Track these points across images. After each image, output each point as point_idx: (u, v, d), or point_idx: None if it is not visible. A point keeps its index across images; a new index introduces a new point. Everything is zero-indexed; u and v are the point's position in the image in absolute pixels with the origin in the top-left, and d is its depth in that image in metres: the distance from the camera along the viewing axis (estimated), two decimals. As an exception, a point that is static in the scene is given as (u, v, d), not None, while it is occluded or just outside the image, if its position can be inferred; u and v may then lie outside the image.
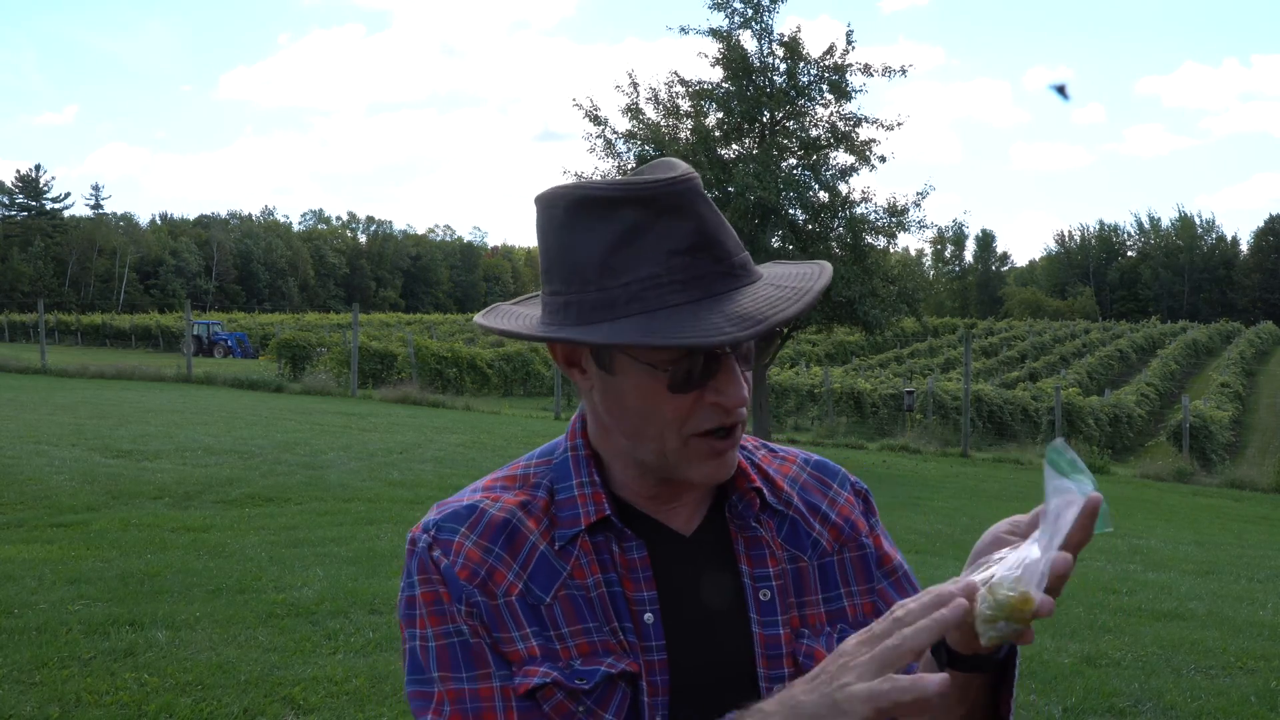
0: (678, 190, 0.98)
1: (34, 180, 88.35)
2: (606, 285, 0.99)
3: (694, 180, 1.00)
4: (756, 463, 1.18)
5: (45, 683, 4.18)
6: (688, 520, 1.13)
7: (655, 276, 0.98)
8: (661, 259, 0.98)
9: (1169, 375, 41.99)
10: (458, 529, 1.08)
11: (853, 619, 1.15)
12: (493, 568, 1.07)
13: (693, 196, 0.99)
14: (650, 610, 1.07)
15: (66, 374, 22.74)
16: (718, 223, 1.01)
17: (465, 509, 1.10)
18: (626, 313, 0.98)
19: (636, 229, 0.98)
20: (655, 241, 0.98)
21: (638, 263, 0.98)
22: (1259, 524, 12.22)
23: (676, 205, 0.98)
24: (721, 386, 1.01)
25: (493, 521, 1.09)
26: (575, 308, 1.01)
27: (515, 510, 1.10)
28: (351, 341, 22.31)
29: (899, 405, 24.16)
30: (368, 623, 5.16)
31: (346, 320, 45.84)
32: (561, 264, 1.02)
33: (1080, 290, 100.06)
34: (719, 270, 0.99)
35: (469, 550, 1.07)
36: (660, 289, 0.98)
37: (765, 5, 14.38)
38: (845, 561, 1.17)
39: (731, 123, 14.51)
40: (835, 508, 1.19)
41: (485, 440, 13.75)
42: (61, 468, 9.17)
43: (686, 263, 0.98)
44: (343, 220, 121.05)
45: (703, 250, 0.99)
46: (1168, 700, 4.64)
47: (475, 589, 1.06)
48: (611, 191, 0.99)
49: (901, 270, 16.34)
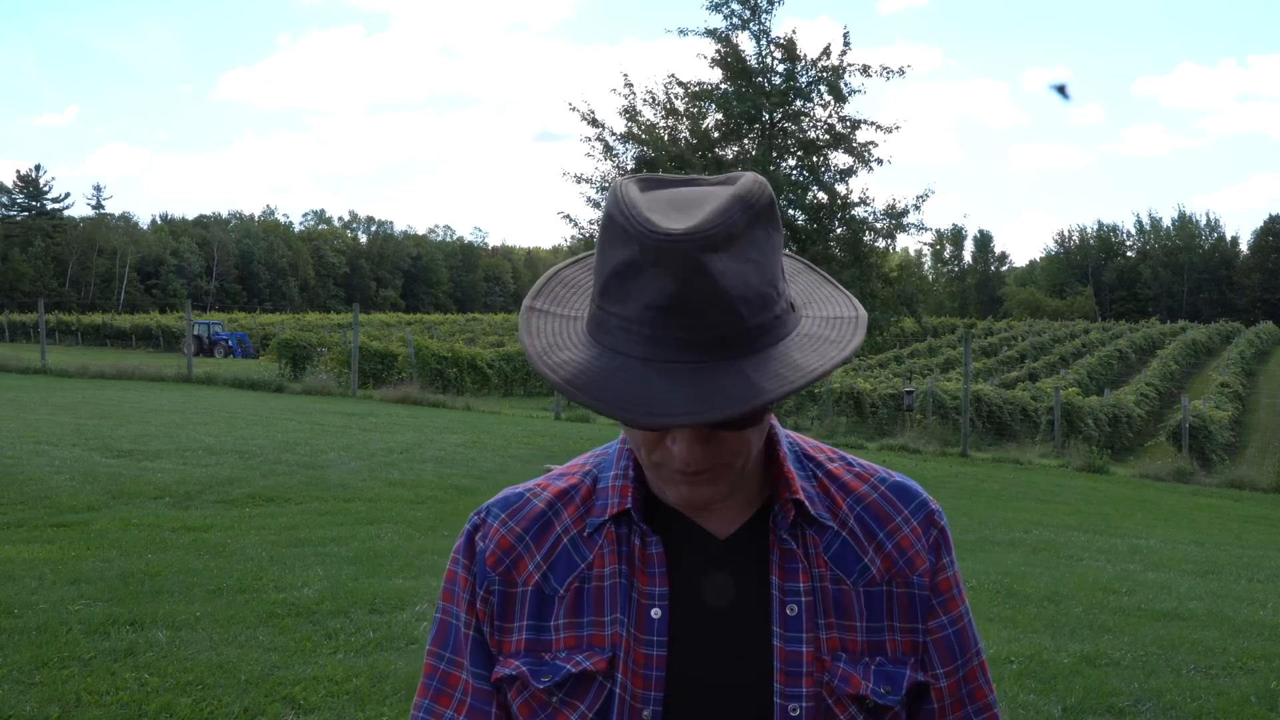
0: (676, 249, 0.92)
1: (34, 180, 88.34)
2: (604, 306, 0.98)
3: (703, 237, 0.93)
4: (820, 475, 1.15)
5: (45, 683, 4.18)
6: (727, 523, 1.11)
7: (629, 321, 0.96)
8: (639, 308, 0.95)
9: (1168, 375, 42.00)
10: (500, 515, 1.16)
11: (891, 655, 1.11)
12: (519, 556, 1.13)
13: (688, 257, 0.92)
14: (659, 605, 1.07)
15: (67, 374, 22.73)
16: (708, 291, 0.93)
17: (515, 496, 1.17)
18: (609, 343, 0.97)
19: (635, 267, 0.95)
20: (641, 287, 0.95)
21: (625, 300, 0.96)
22: (1259, 524, 12.22)
23: (666, 262, 0.93)
24: (678, 439, 1.00)
25: (532, 511, 1.15)
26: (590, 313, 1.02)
27: (555, 500, 1.16)
28: (352, 341, 22.31)
29: (899, 405, 24.16)
30: (368, 622, 5.16)
31: (347, 320, 45.84)
32: (596, 264, 1.02)
33: (1080, 290, 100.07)
34: (684, 340, 0.94)
35: (501, 537, 1.14)
36: (629, 335, 0.96)
37: (762, 6, 14.38)
38: (892, 595, 1.12)
39: (730, 124, 14.51)
40: (896, 536, 1.13)
41: (485, 440, 13.75)
42: (62, 468, 9.17)
43: (656, 320, 0.94)
44: (343, 220, 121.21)
45: (675, 315, 0.93)
46: (1167, 700, 4.64)
47: (498, 576, 1.13)
48: (625, 222, 0.95)
49: (900, 272, 16.33)
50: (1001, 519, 10.24)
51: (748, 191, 0.98)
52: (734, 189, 0.98)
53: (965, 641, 1.15)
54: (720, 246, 0.94)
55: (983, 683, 1.17)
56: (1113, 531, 10.07)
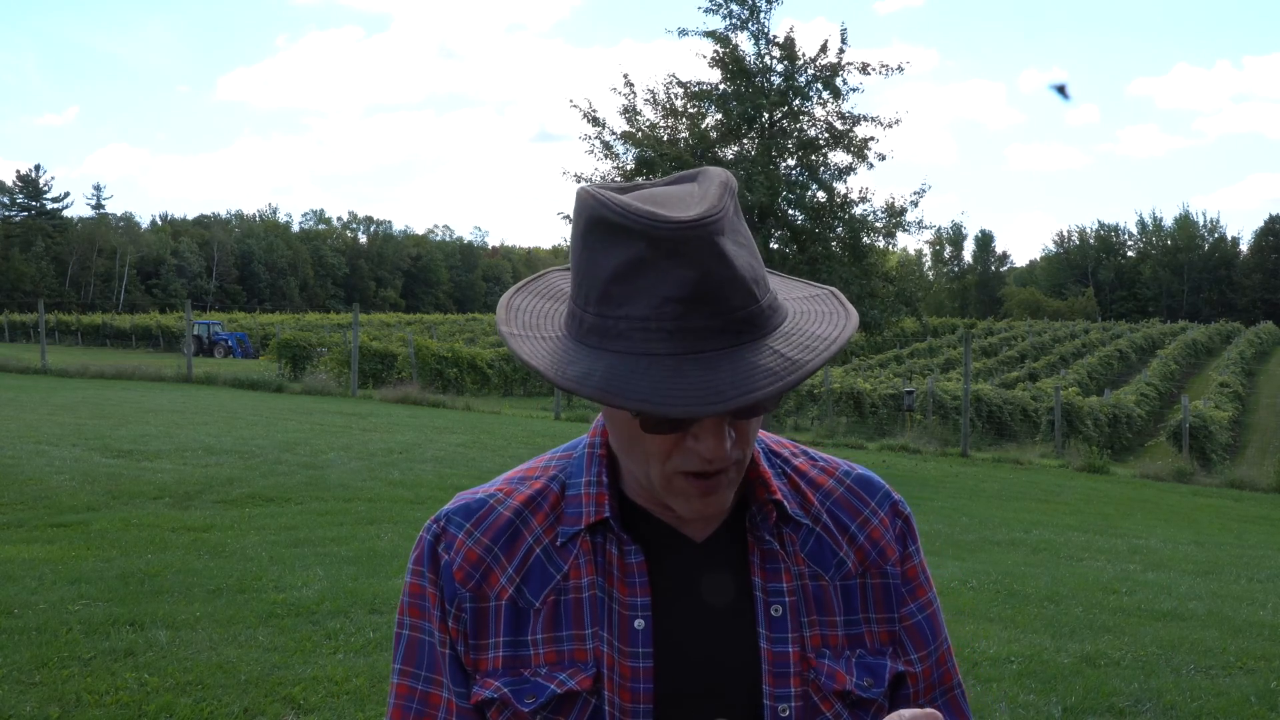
0: (693, 235, 0.92)
1: (34, 180, 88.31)
2: (604, 313, 0.95)
3: (714, 221, 0.93)
4: (789, 472, 1.14)
5: (45, 683, 4.18)
6: (703, 526, 1.09)
7: (645, 320, 0.93)
8: (656, 303, 0.92)
9: (1169, 375, 42.00)
10: (464, 525, 1.09)
11: (870, 646, 1.11)
12: (489, 569, 1.07)
13: (705, 242, 0.92)
14: (642, 616, 1.04)
15: (67, 374, 22.73)
16: (727, 274, 0.93)
17: (477, 503, 1.11)
18: (613, 347, 0.94)
19: (641, 264, 0.93)
20: (654, 282, 0.92)
21: (634, 300, 0.93)
22: (1259, 524, 12.22)
23: (684, 251, 0.91)
24: (701, 435, 0.97)
25: (498, 521, 1.09)
26: (578, 322, 0.98)
27: (522, 508, 1.10)
28: (352, 341, 22.31)
29: (899, 405, 24.15)
30: (368, 622, 5.16)
31: (347, 320, 45.83)
32: (577, 273, 0.99)
33: (1080, 290, 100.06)
34: (713, 326, 0.92)
35: (469, 550, 1.08)
36: (647, 334, 0.92)
37: (761, 6, 14.38)
38: (867, 587, 1.12)
39: (729, 124, 14.51)
40: (866, 528, 1.13)
41: (485, 440, 13.75)
42: (62, 468, 9.17)
43: (679, 312, 0.92)
44: (342, 220, 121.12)
45: (700, 303, 0.92)
46: (1167, 700, 4.64)
47: (468, 593, 1.07)
48: (626, 220, 0.93)
49: (900, 270, 16.32)
50: (1001, 519, 10.24)
51: (727, 179, 0.99)
52: (716, 178, 0.99)
53: (935, 626, 1.16)
54: (725, 231, 0.94)
55: (950, 666, 1.18)
56: (1113, 531, 10.07)
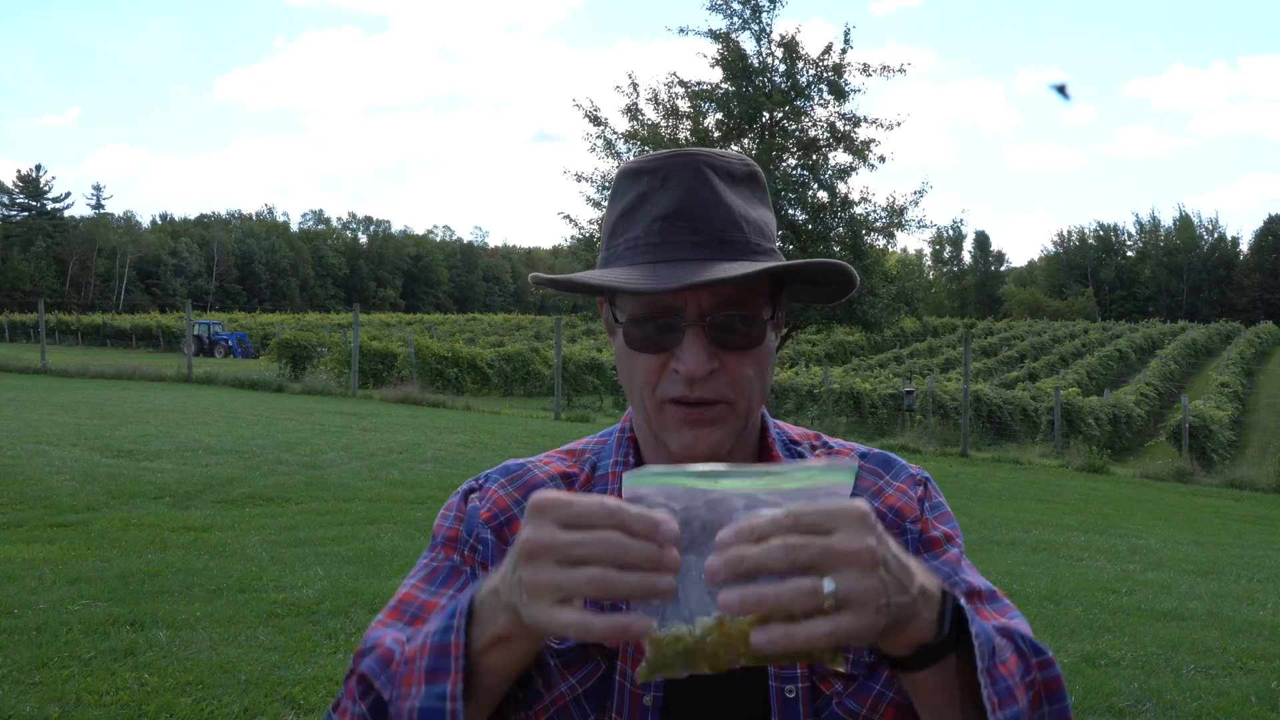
0: (675, 163, 1.06)
1: (34, 180, 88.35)
2: (612, 244, 1.09)
3: (694, 156, 1.06)
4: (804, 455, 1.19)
5: (45, 683, 4.18)
6: None
7: (637, 238, 1.06)
8: (646, 223, 1.05)
9: (1168, 375, 42.02)
10: (500, 480, 1.17)
11: None
12: (514, 516, 1.13)
13: (693, 169, 1.05)
14: None
15: (67, 374, 22.72)
16: (711, 198, 1.05)
17: (517, 465, 1.19)
18: (619, 265, 1.06)
19: (643, 197, 1.07)
20: (650, 208, 1.06)
21: (633, 226, 1.07)
22: (1259, 524, 12.22)
23: (675, 175, 1.05)
24: (681, 354, 1.04)
25: (532, 481, 1.16)
26: (598, 261, 1.12)
27: (557, 478, 1.17)
28: (352, 341, 22.30)
29: (898, 405, 24.16)
30: (368, 622, 5.14)
31: (347, 320, 45.84)
32: (605, 221, 1.12)
33: (1079, 290, 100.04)
34: (694, 240, 1.04)
35: (499, 497, 1.15)
36: (638, 250, 1.05)
37: (764, 6, 14.38)
38: None
39: (731, 123, 14.51)
40: (881, 496, 1.15)
41: (486, 440, 13.74)
42: (61, 468, 9.17)
43: (664, 228, 1.04)
44: (342, 220, 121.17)
45: (681, 219, 1.04)
46: (1168, 700, 4.64)
47: (490, 529, 1.12)
48: (641, 162, 1.08)
49: (900, 270, 16.32)
50: (1001, 519, 10.24)
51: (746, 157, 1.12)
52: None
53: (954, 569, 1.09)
54: (722, 173, 1.07)
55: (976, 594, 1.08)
56: (1113, 531, 10.07)
